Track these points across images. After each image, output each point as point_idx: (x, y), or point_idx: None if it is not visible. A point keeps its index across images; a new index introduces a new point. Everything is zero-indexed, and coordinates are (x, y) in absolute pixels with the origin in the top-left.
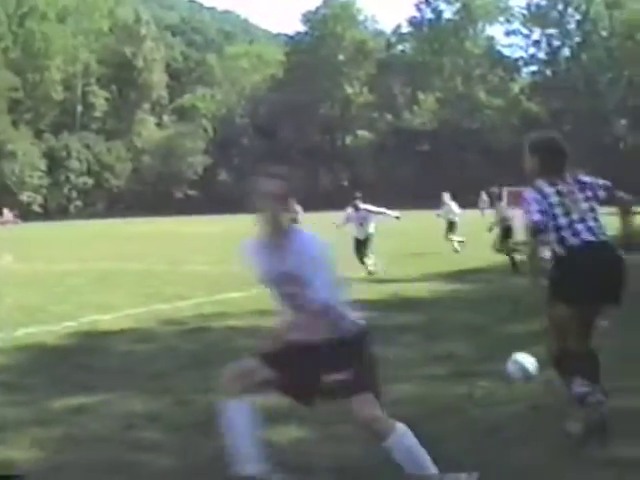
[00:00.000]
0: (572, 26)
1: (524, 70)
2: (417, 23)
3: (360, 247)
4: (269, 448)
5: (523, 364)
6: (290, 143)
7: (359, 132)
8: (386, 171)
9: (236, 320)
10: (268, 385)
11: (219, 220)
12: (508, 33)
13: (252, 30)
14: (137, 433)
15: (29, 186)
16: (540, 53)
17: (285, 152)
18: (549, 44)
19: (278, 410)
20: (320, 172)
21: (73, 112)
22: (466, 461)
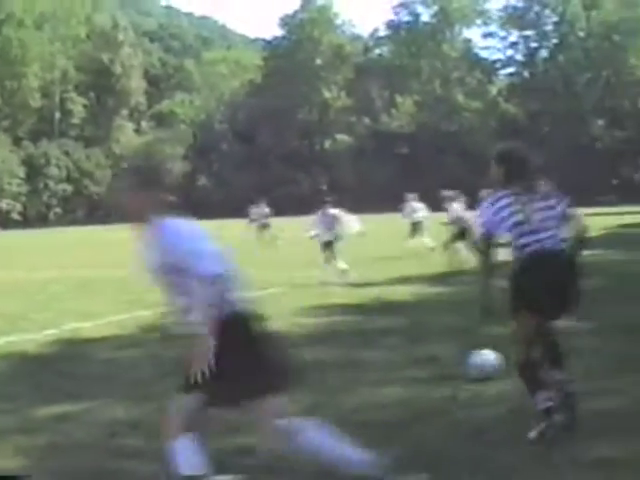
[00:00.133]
0: (549, 27)
1: (502, 72)
2: (394, 26)
3: (327, 250)
4: (251, 453)
5: (483, 362)
6: (269, 148)
7: (338, 136)
8: (365, 174)
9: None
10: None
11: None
12: (485, 35)
13: (230, 35)
14: (120, 440)
15: (8, 194)
16: (517, 55)
17: (264, 157)
18: (526, 46)
19: None
20: (299, 177)
21: (51, 119)
22: (451, 463)
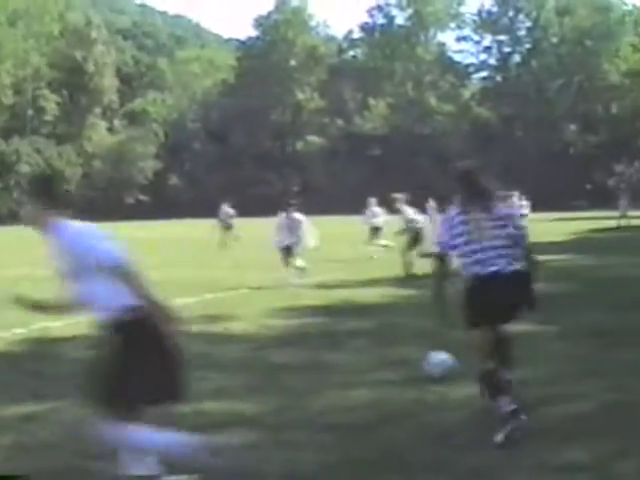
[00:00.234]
0: (522, 32)
1: (475, 76)
2: (369, 29)
3: (286, 253)
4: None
5: (442, 362)
6: (241, 148)
7: (309, 137)
8: (337, 176)
9: (186, 325)
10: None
11: (169, 225)
12: (459, 39)
13: (203, 35)
14: (87, 441)
15: None
16: (491, 59)
17: (236, 157)
18: (500, 50)
19: (227, 416)
20: (271, 177)
21: (23, 116)
22: (418, 466)
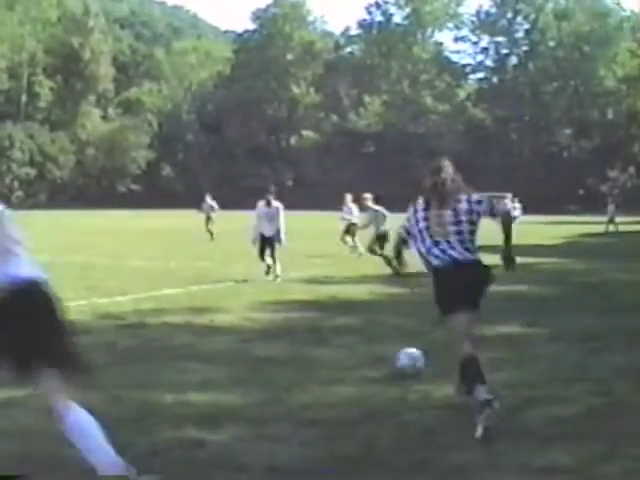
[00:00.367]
0: (520, 35)
1: (471, 77)
2: (366, 26)
3: (265, 244)
4: (201, 446)
5: (415, 358)
6: (235, 141)
7: (304, 132)
8: (331, 172)
9: (173, 316)
10: None
11: (160, 215)
12: (457, 39)
13: (201, 26)
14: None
15: None
16: (487, 60)
17: (230, 150)
18: (497, 52)
19: (211, 408)
20: (264, 171)
21: (18, 101)
22: (400, 464)
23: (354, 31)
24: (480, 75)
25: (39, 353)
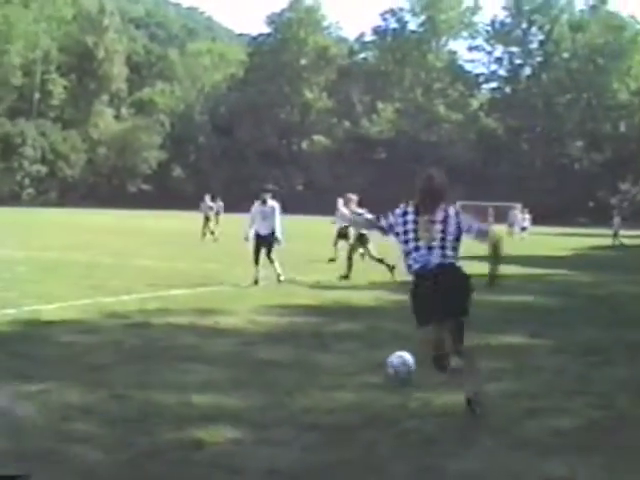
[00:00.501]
0: (534, 45)
1: (484, 86)
2: (381, 32)
3: (260, 245)
4: (201, 447)
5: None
6: (247, 143)
7: (315, 137)
8: (341, 178)
9: (178, 317)
10: None
11: (170, 216)
12: (471, 48)
13: (215, 28)
14: (71, 425)
15: None
16: (501, 70)
17: (241, 152)
18: (511, 62)
19: (212, 410)
20: (275, 174)
21: (31, 98)
22: (399, 471)
23: (368, 37)
24: (493, 85)
25: None
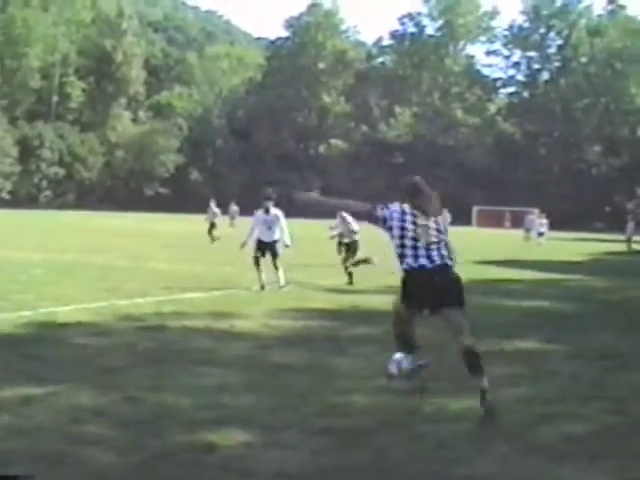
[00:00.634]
0: (552, 50)
1: (502, 91)
2: (399, 36)
3: (263, 251)
4: (213, 451)
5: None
6: (265, 148)
7: (333, 141)
8: (359, 182)
9: (193, 320)
10: None
11: (187, 219)
12: (489, 53)
13: (233, 32)
14: (82, 427)
15: None
16: (519, 75)
17: (259, 156)
18: (528, 66)
19: (225, 413)
20: (292, 178)
21: (49, 101)
22: (410, 476)
23: (386, 41)
24: (511, 89)
25: None
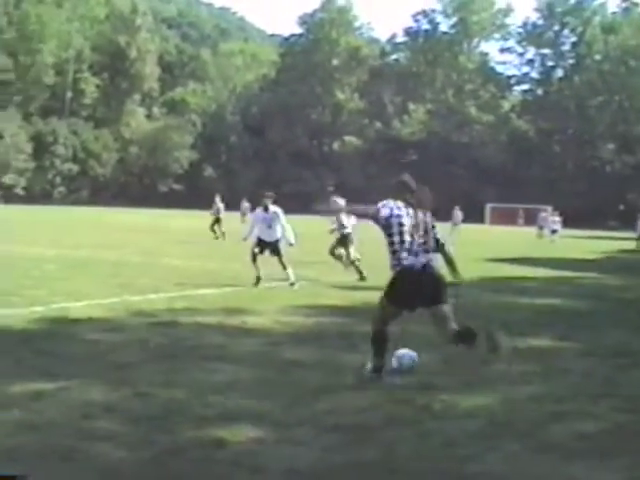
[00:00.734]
0: (566, 47)
1: (516, 88)
2: (413, 33)
3: (262, 249)
4: (222, 446)
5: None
6: (278, 144)
7: (347, 138)
8: (373, 178)
9: (205, 316)
10: None
11: (200, 215)
12: (503, 50)
13: (247, 28)
14: (93, 422)
15: (13, 169)
16: (533, 72)
17: (272, 152)
18: (542, 64)
19: (236, 409)
20: (306, 175)
21: (63, 97)
22: (418, 473)
23: (400, 38)
24: (525, 87)
25: None
